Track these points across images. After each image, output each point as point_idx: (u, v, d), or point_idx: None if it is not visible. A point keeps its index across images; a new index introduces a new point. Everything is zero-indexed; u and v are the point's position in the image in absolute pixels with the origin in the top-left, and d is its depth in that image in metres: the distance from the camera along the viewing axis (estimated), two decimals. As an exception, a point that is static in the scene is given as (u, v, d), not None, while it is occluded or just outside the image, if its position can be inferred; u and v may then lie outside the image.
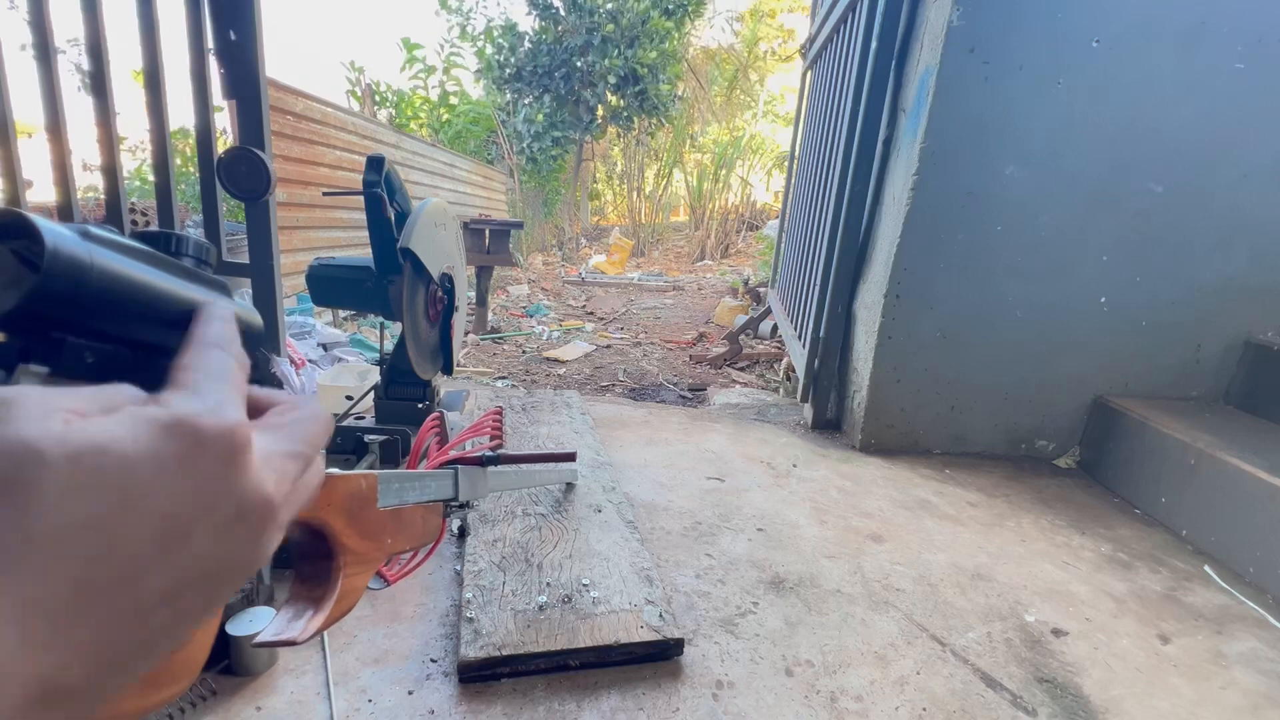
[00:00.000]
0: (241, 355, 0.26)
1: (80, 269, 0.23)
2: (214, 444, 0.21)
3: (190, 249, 0.30)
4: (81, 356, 0.24)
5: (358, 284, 1.49)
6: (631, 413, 2.19)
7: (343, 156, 4.63)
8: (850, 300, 2.10)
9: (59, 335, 0.23)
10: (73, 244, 0.23)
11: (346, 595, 0.39)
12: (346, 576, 0.39)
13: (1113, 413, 1.88)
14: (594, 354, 3.96)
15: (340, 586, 0.38)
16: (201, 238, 0.31)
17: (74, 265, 0.23)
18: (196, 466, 0.20)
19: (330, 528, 0.37)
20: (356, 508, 0.40)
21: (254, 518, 0.22)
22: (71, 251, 0.23)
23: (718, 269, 9.07)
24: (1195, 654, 1.14)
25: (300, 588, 0.38)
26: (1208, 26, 1.69)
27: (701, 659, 1.02)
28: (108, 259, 0.24)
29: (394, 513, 0.45)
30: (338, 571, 0.38)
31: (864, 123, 1.95)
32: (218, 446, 0.21)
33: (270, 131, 1.83)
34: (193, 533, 0.20)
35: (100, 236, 0.25)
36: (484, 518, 1.28)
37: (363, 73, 8.68)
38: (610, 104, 9.89)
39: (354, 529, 0.39)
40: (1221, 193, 1.81)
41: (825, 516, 1.53)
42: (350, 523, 0.39)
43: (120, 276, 0.25)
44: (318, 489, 0.29)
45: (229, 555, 0.22)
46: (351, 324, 4.06)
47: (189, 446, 0.20)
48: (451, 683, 0.93)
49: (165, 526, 0.19)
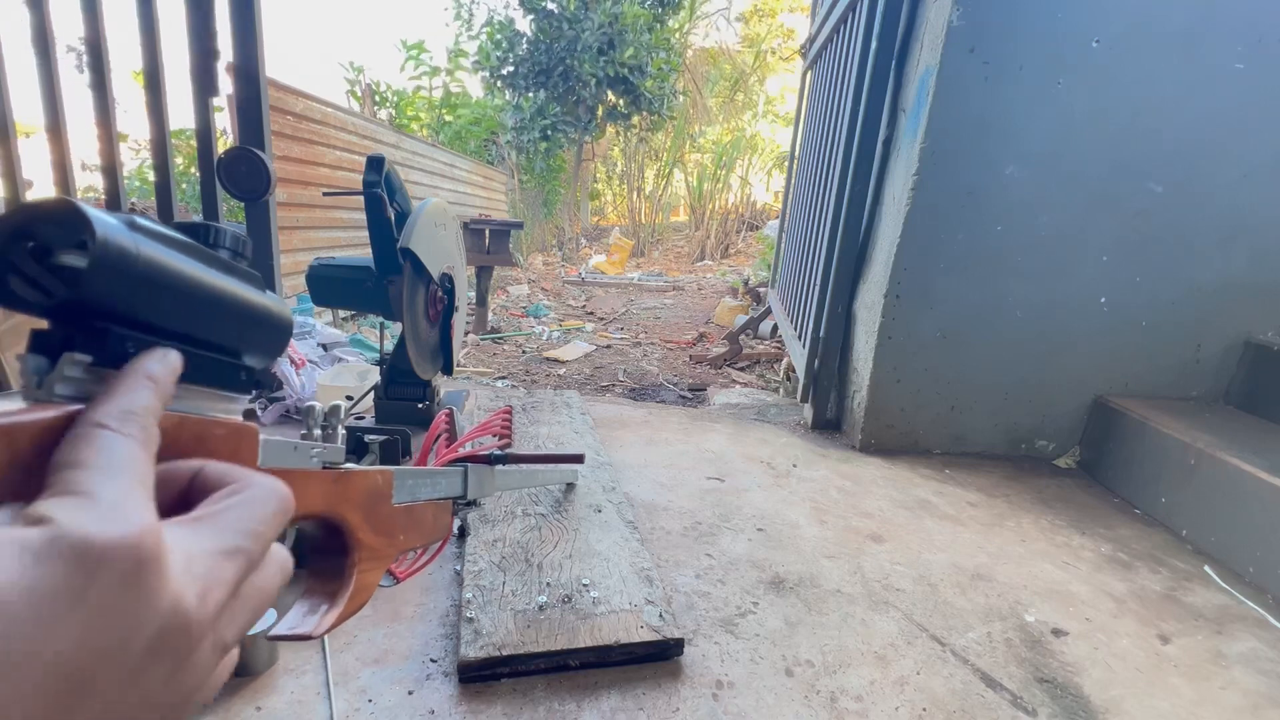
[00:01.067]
0: (150, 425, 0.21)
1: (127, 259, 0.23)
2: (111, 563, 0.16)
3: (228, 241, 0.30)
4: (124, 347, 0.24)
5: (358, 284, 1.49)
6: (631, 413, 2.19)
7: (343, 156, 4.63)
8: (850, 300, 2.10)
9: (103, 325, 0.23)
10: (120, 233, 0.23)
11: (360, 590, 0.39)
12: (361, 572, 0.39)
13: (1113, 413, 1.88)
14: (594, 354, 3.96)
15: (355, 582, 0.38)
16: (240, 230, 0.31)
17: (121, 255, 0.23)
18: (90, 595, 0.16)
19: (347, 523, 0.37)
20: (372, 503, 0.40)
21: (178, 644, 0.18)
22: (120, 241, 0.23)
23: (718, 269, 9.07)
24: (1195, 654, 1.14)
25: (314, 582, 0.38)
26: (1208, 26, 1.69)
27: (701, 659, 1.02)
28: (153, 250, 0.24)
29: (407, 509, 0.45)
30: (353, 567, 0.38)
31: (864, 123, 1.95)
32: (117, 565, 0.16)
33: (270, 131, 1.83)
34: (96, 679, 0.16)
35: (146, 227, 0.25)
36: (484, 518, 1.28)
37: (362, 72, 8.67)
38: (608, 102, 9.89)
39: (369, 524, 0.40)
40: (1222, 193, 1.81)
41: (825, 516, 1.53)
42: (366, 518, 0.39)
43: (164, 267, 0.25)
44: (276, 592, 0.24)
45: (152, 696, 0.17)
46: (351, 324, 4.06)
47: (77, 571, 0.16)
48: (451, 683, 0.93)
49: (58, 679, 0.15)
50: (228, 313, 0.29)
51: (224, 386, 0.30)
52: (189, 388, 0.27)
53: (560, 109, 9.68)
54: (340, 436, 0.44)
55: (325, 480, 0.35)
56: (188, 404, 0.27)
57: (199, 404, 0.28)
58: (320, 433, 0.44)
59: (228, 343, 0.30)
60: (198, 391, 0.28)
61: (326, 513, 0.36)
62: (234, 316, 0.29)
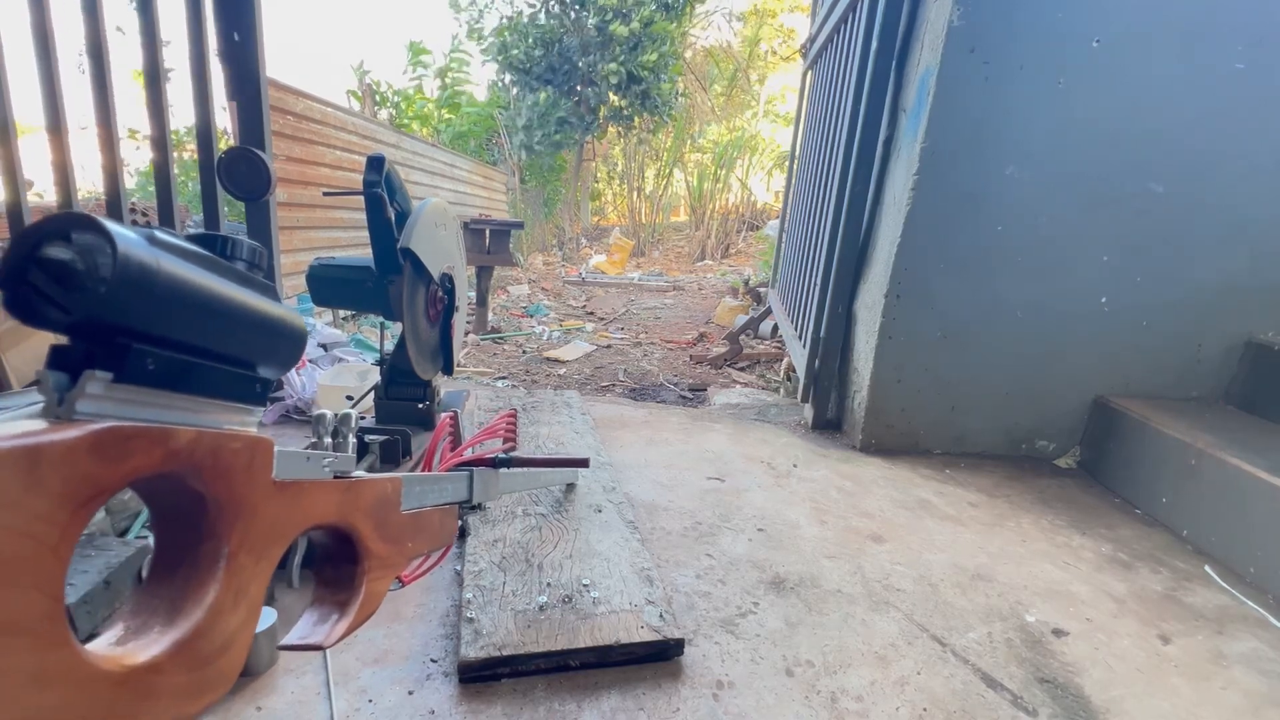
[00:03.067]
0: None
1: (148, 274, 0.23)
2: None
3: (244, 253, 0.30)
4: (144, 363, 0.24)
5: (358, 284, 1.49)
6: (632, 413, 2.19)
7: (343, 156, 4.63)
8: (850, 300, 2.10)
9: (124, 341, 0.23)
10: (141, 249, 0.23)
11: (370, 599, 0.38)
12: (370, 581, 0.38)
13: (1113, 413, 1.88)
14: (594, 354, 3.96)
15: (365, 591, 0.38)
16: (255, 242, 0.31)
17: (143, 271, 0.22)
18: None
19: (358, 531, 0.37)
20: (382, 512, 0.40)
21: None
22: (140, 257, 0.22)
23: (718, 269, 9.06)
24: (1196, 654, 1.14)
25: (324, 591, 0.38)
26: (1208, 26, 1.69)
27: (702, 659, 1.02)
28: (173, 265, 0.24)
29: (414, 516, 0.44)
30: (362, 576, 0.38)
31: (864, 123, 1.95)
32: None
33: (270, 131, 1.83)
34: None
35: (166, 241, 0.24)
36: (484, 518, 1.28)
37: (366, 73, 8.66)
38: (612, 103, 9.89)
39: (379, 533, 0.39)
40: (1222, 192, 1.81)
41: (825, 516, 1.53)
42: (376, 527, 0.39)
43: (184, 282, 0.25)
44: None
45: None
46: (351, 324, 4.06)
47: None
48: (452, 683, 0.93)
49: None
50: (245, 325, 0.29)
51: (240, 399, 0.29)
52: (205, 401, 0.27)
53: (567, 104, 9.67)
54: (351, 445, 0.44)
55: (337, 490, 0.35)
56: (204, 418, 0.27)
57: (215, 417, 0.28)
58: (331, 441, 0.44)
59: (244, 355, 0.30)
60: (214, 405, 0.28)
61: (338, 522, 0.36)
62: (251, 328, 0.29)
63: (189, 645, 0.26)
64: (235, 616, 0.29)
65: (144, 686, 0.24)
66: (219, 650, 0.28)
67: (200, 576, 0.28)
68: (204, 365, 0.27)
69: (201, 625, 0.27)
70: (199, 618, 0.27)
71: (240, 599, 0.29)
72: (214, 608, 0.27)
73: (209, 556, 0.28)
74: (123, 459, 0.22)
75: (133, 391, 0.24)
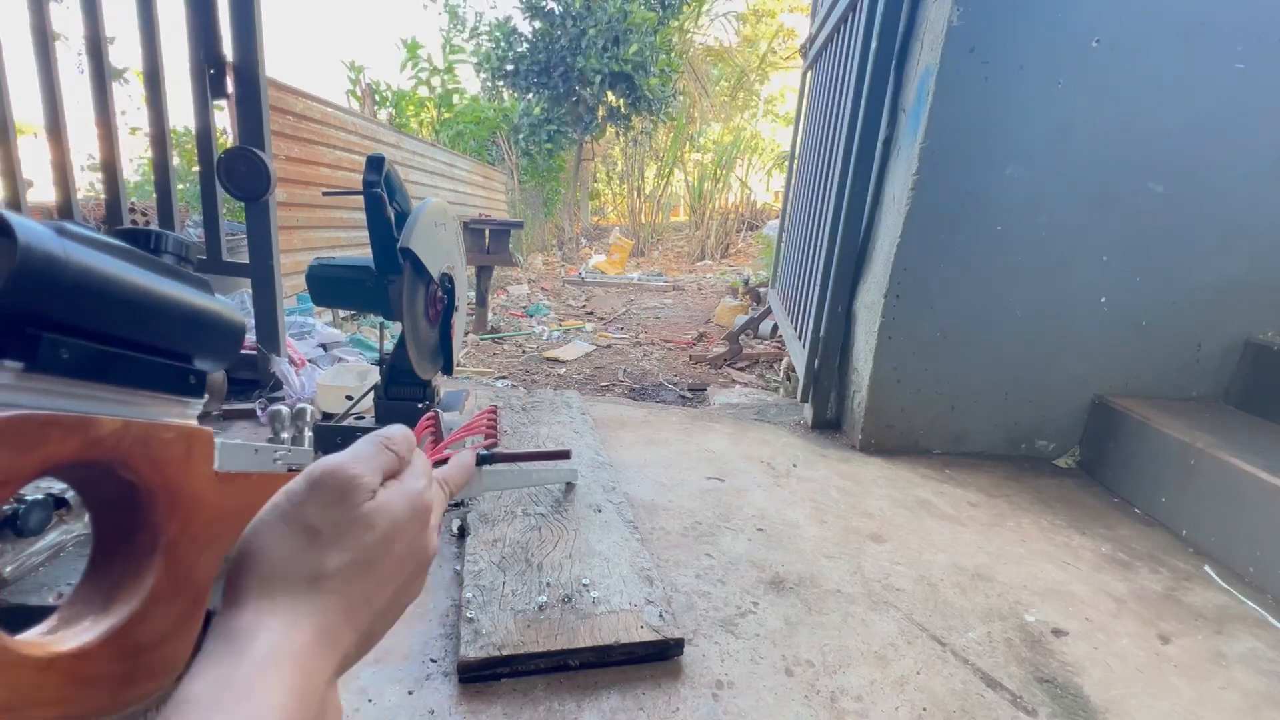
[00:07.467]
0: None
1: (54, 264, 0.23)
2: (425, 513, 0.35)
3: (170, 246, 0.30)
4: (57, 353, 0.24)
5: (358, 284, 1.49)
6: (631, 413, 2.19)
7: (343, 156, 4.63)
8: (850, 300, 2.10)
9: (34, 331, 0.23)
10: (47, 240, 0.23)
11: None
12: None
13: (1113, 413, 1.88)
14: (594, 354, 3.96)
15: None
16: (184, 235, 0.31)
17: (48, 261, 0.23)
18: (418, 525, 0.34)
19: None
20: None
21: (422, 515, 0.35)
22: (45, 247, 0.23)
23: (718, 269, 9.07)
24: (1195, 654, 1.14)
25: None
26: (1208, 26, 1.69)
27: (701, 659, 1.02)
28: (83, 255, 0.24)
29: None
30: None
31: (864, 123, 1.95)
32: (425, 515, 0.35)
33: (270, 131, 1.83)
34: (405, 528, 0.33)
35: (75, 233, 0.25)
36: (484, 518, 1.28)
37: (362, 72, 8.66)
38: (609, 103, 9.89)
39: None
40: (1222, 192, 1.81)
41: (825, 516, 1.53)
42: None
43: (95, 272, 0.25)
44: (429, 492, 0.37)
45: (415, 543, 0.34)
46: (351, 324, 4.06)
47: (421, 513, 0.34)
48: (451, 683, 0.93)
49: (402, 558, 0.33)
50: (170, 317, 0.29)
51: (172, 391, 0.30)
52: (135, 393, 0.28)
53: (562, 109, 9.67)
54: (308, 439, 0.44)
55: None
56: (134, 409, 0.28)
57: (149, 409, 0.28)
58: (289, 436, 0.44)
59: (174, 347, 0.30)
60: (146, 396, 0.28)
61: None
62: (178, 321, 0.29)
63: (124, 632, 0.27)
64: (176, 605, 0.29)
65: (73, 672, 0.25)
66: (159, 639, 0.28)
67: (136, 565, 0.28)
68: (127, 356, 0.27)
69: (138, 613, 0.27)
70: (134, 606, 0.27)
71: (182, 588, 0.29)
72: (151, 597, 0.28)
73: (145, 545, 0.28)
74: (34, 447, 0.23)
75: (49, 381, 0.24)
